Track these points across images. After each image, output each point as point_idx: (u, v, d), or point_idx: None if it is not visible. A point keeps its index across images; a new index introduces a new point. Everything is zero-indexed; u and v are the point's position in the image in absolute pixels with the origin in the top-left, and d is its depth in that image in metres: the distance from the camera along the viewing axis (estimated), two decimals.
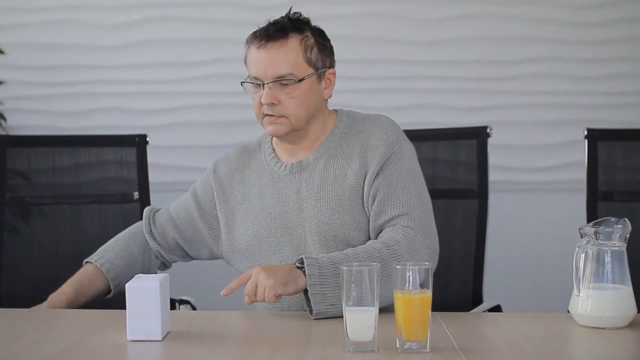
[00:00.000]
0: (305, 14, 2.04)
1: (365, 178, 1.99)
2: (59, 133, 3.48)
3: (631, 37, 3.59)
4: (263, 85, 1.97)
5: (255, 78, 1.99)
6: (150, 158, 2.68)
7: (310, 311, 1.81)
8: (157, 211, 2.20)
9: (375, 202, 1.97)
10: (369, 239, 1.98)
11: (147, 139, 2.67)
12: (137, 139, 2.67)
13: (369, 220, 1.99)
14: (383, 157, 1.98)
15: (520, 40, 3.61)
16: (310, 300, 1.80)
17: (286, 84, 1.97)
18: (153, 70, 3.66)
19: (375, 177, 1.98)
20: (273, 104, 1.97)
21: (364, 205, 1.99)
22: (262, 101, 1.97)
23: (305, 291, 1.82)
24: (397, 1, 3.62)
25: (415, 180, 2.01)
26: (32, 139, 2.93)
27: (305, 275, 1.80)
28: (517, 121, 3.61)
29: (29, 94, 3.66)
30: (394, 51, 3.62)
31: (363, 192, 1.99)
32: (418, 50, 3.62)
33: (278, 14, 2.03)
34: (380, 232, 1.96)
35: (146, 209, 2.22)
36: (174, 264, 2.25)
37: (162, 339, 1.67)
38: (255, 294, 1.80)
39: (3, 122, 3.53)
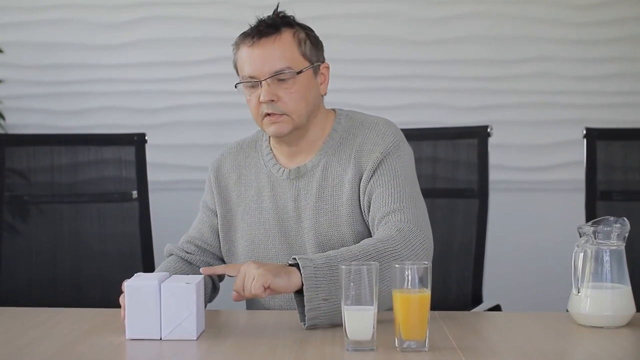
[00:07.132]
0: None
1: (359, 184, 1.93)
2: (58, 132, 3.49)
3: (630, 36, 3.59)
4: (260, 83, 1.90)
5: (251, 77, 1.91)
6: (149, 157, 2.68)
7: (302, 317, 1.72)
8: (177, 244, 2.08)
9: (370, 205, 1.91)
10: None
11: (146, 138, 2.67)
12: (135, 138, 2.67)
13: (368, 231, 1.93)
14: (377, 161, 1.92)
15: (520, 39, 3.60)
16: (300, 304, 1.72)
17: (284, 80, 1.90)
18: (152, 69, 3.66)
19: (369, 180, 1.92)
20: (272, 101, 1.89)
21: (362, 214, 1.93)
22: (261, 99, 1.90)
23: (296, 293, 1.72)
24: (397, 1, 3.62)
25: (408, 180, 1.93)
26: (31, 137, 2.92)
27: (300, 272, 1.70)
28: (517, 120, 3.61)
29: (27, 92, 3.65)
30: (394, 50, 3.62)
31: (359, 199, 1.93)
32: (418, 50, 3.61)
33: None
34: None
35: (167, 247, 2.08)
36: None
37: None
38: (244, 289, 1.71)
39: (2, 121, 3.52)
